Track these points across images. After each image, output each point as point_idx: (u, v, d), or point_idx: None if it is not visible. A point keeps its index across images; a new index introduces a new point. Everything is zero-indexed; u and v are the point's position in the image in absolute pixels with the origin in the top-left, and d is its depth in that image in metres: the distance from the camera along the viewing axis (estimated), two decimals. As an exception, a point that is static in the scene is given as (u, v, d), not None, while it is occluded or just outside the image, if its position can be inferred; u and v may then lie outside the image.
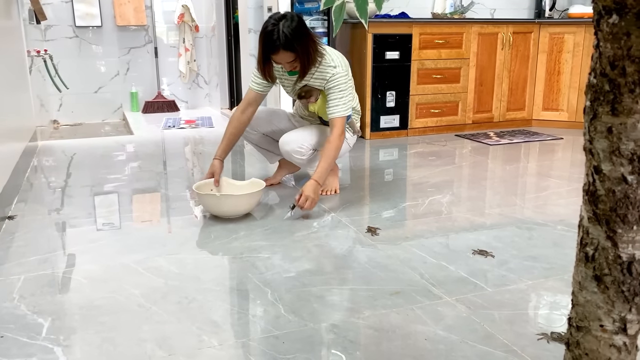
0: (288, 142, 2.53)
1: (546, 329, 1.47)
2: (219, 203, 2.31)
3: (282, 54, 2.30)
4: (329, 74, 2.42)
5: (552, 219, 2.36)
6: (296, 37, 2.28)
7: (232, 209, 2.33)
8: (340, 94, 2.42)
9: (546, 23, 4.41)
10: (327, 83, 2.44)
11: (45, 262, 1.90)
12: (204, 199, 2.33)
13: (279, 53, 2.30)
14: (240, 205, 2.34)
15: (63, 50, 5.06)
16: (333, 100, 2.42)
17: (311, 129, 2.62)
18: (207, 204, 2.34)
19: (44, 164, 3.36)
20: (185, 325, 1.47)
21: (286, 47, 2.27)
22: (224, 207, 2.32)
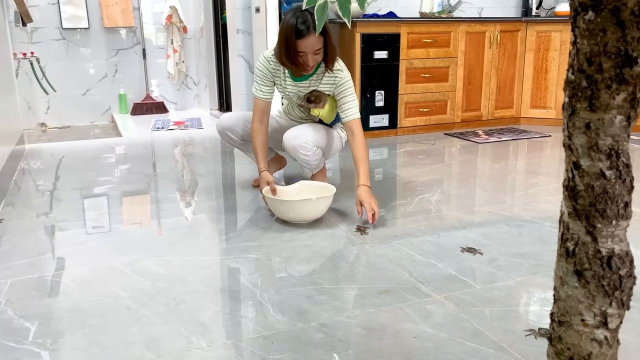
0: (294, 137, 2.51)
1: (534, 325, 1.48)
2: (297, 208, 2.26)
3: (313, 39, 2.26)
4: (339, 77, 2.43)
5: (540, 215, 2.37)
6: (325, 27, 2.28)
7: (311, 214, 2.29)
8: (352, 96, 2.44)
9: (533, 21, 4.44)
10: (336, 87, 2.44)
11: (33, 266, 1.88)
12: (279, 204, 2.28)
13: (310, 37, 2.25)
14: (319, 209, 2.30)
15: (50, 52, 5.03)
16: (348, 103, 2.43)
17: (314, 127, 2.59)
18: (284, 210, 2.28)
19: (32, 167, 3.34)
20: (173, 327, 1.47)
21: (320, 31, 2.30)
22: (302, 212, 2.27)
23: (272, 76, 2.51)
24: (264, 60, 2.50)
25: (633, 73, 0.65)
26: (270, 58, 2.48)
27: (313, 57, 2.32)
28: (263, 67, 2.49)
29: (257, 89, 2.51)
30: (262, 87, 2.50)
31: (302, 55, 2.30)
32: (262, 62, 2.50)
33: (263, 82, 2.50)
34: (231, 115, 2.76)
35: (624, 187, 0.69)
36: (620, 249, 0.70)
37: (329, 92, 2.49)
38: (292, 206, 2.25)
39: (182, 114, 5.42)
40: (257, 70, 2.51)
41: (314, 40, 2.27)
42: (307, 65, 2.34)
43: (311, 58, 2.31)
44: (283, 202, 2.27)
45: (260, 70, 2.50)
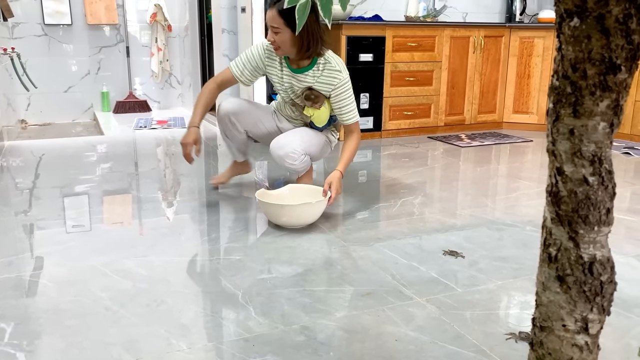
0: (281, 146, 2.44)
1: (514, 328, 1.49)
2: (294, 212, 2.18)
3: (271, 13, 2.25)
4: (337, 79, 2.38)
5: (522, 219, 2.39)
6: (293, 10, 2.16)
7: (307, 218, 2.22)
8: (351, 99, 2.41)
9: (517, 27, 4.49)
10: (335, 88, 2.39)
11: (10, 265, 1.85)
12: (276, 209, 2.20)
13: (270, 10, 2.25)
14: (315, 213, 2.24)
15: (31, 48, 4.96)
16: (348, 105, 2.41)
17: (302, 132, 2.52)
18: (279, 214, 2.20)
19: (11, 165, 3.28)
20: (153, 329, 1.45)
21: (280, 10, 2.23)
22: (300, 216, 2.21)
23: (259, 65, 2.45)
24: (260, 47, 2.45)
25: (617, 80, 0.66)
26: (266, 45, 2.43)
27: (272, 34, 2.29)
28: (255, 52, 2.45)
29: (236, 64, 2.46)
30: (242, 66, 2.45)
31: (268, 27, 2.31)
32: (256, 47, 2.46)
33: (244, 64, 2.45)
34: (238, 100, 2.63)
35: (607, 193, 0.70)
36: (602, 255, 0.71)
37: (326, 92, 2.42)
38: (290, 210, 2.17)
39: (165, 113, 5.37)
40: (247, 52, 2.46)
41: (271, 15, 2.26)
42: (267, 39, 2.34)
43: (270, 34, 2.30)
44: (282, 206, 2.19)
45: (251, 53, 2.45)
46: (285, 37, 2.28)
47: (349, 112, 2.42)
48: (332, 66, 2.38)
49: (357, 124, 2.45)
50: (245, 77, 2.47)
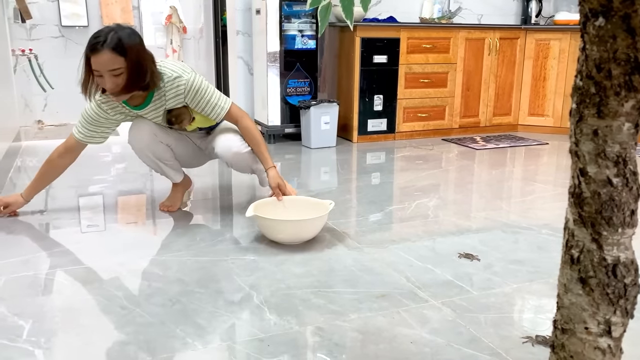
0: (229, 146, 2.27)
1: (531, 332, 1.47)
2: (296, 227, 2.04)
3: (107, 55, 1.93)
4: (180, 86, 2.13)
5: (537, 223, 2.37)
6: (130, 42, 1.98)
7: (305, 234, 2.08)
8: (209, 92, 2.19)
9: (532, 29, 4.46)
10: (187, 95, 2.16)
11: (27, 264, 1.87)
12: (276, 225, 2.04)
13: (102, 53, 1.93)
14: (316, 228, 2.09)
15: (48, 49, 5.01)
16: (211, 101, 2.19)
17: (227, 130, 2.35)
18: (277, 230, 2.05)
19: (27, 165, 3.31)
20: (169, 328, 1.46)
21: (114, 48, 1.93)
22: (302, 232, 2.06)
23: (107, 121, 2.23)
24: (93, 105, 2.20)
25: (642, 80, 0.65)
26: (100, 100, 2.19)
27: (111, 79, 1.97)
28: (93, 113, 2.21)
29: (77, 130, 2.25)
30: (84, 129, 2.23)
31: (98, 75, 1.98)
32: (90, 107, 2.21)
33: (86, 126, 2.23)
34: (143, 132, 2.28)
35: (631, 194, 0.69)
36: (626, 257, 0.70)
37: (182, 104, 2.20)
38: (291, 226, 2.05)
39: (179, 114, 5.39)
40: (84, 116, 2.23)
41: (107, 57, 1.94)
42: (107, 88, 2.00)
43: (108, 80, 1.97)
44: (284, 222, 2.06)
45: (88, 115, 2.21)
46: (127, 77, 1.99)
47: (215, 105, 2.21)
48: (169, 77, 2.13)
49: (233, 109, 2.25)
50: (97, 137, 2.27)
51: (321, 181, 3.05)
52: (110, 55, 1.94)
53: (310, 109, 3.86)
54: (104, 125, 2.25)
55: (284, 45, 3.95)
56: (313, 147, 3.92)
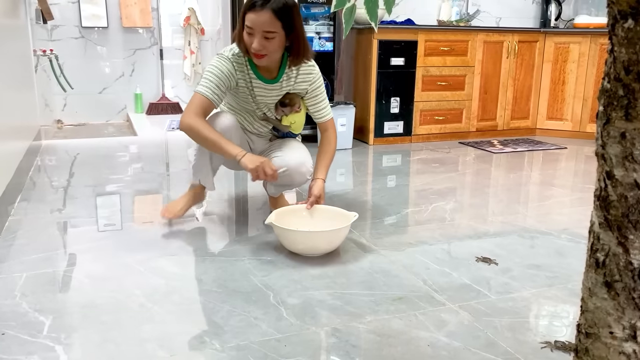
0: (303, 163, 2.16)
1: (550, 337, 1.45)
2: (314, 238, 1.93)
3: (266, 15, 1.87)
4: (313, 74, 2.14)
5: (556, 228, 2.35)
6: (292, 10, 1.93)
7: (328, 244, 1.96)
8: (325, 92, 2.20)
9: (552, 32, 4.42)
10: (311, 85, 2.15)
11: (47, 261, 1.89)
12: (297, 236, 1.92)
13: (263, 11, 1.87)
14: (337, 239, 1.98)
15: (69, 50, 5.07)
16: (323, 100, 2.19)
17: (299, 146, 2.26)
18: (297, 241, 1.94)
19: (47, 164, 3.36)
20: (186, 326, 1.47)
21: (276, 10, 1.88)
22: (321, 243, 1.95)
23: (230, 83, 2.05)
24: (226, 60, 2.03)
25: (671, 83, 0.64)
26: (234, 55, 2.04)
27: (261, 40, 1.90)
28: (224, 68, 2.02)
29: (206, 86, 2.00)
30: (214, 86, 2.01)
31: (250, 34, 1.91)
32: (222, 61, 2.03)
33: (218, 86, 2.01)
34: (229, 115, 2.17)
35: (658, 198, 0.68)
36: (652, 262, 0.69)
37: (302, 91, 2.17)
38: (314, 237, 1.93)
39: (196, 115, 5.42)
40: (215, 71, 2.01)
41: (266, 18, 1.87)
42: (251, 48, 1.93)
43: (258, 40, 1.90)
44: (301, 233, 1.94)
45: (220, 72, 2.01)
46: (278, 44, 1.95)
47: (326, 106, 2.20)
48: (309, 62, 2.13)
49: (332, 120, 2.24)
50: (221, 99, 2.06)
51: (337, 183, 3.05)
52: (269, 16, 1.88)
53: (327, 111, 3.87)
54: (225, 83, 2.03)
55: (302, 47, 3.96)
56: (329, 149, 3.92)
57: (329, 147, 2.21)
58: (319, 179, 2.15)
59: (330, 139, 2.23)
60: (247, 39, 1.94)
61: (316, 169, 2.19)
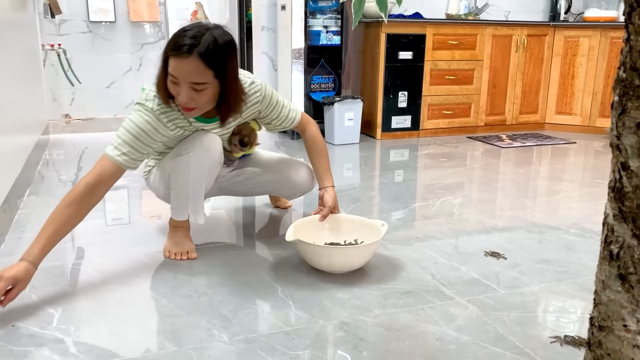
0: (309, 177, 2.08)
1: (559, 332, 1.44)
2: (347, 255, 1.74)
3: (191, 64, 1.53)
4: (258, 92, 1.82)
5: (565, 222, 2.33)
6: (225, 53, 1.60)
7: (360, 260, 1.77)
8: (281, 98, 1.93)
9: (561, 26, 4.38)
10: (262, 103, 1.85)
11: (56, 254, 1.89)
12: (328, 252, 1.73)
13: (188, 59, 1.53)
14: (367, 255, 1.78)
15: (76, 44, 5.08)
16: (283, 107, 1.92)
17: (288, 159, 2.11)
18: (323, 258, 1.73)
19: (55, 158, 3.37)
20: (194, 319, 1.47)
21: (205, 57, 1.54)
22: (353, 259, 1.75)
23: (157, 135, 1.69)
24: (148, 116, 1.66)
25: (687, 72, 0.63)
26: (159, 110, 1.67)
27: (189, 92, 1.57)
28: (143, 124, 1.65)
29: (119, 151, 1.64)
30: (129, 148, 1.64)
31: (175, 83, 1.58)
32: (142, 118, 1.66)
33: (132, 143, 1.65)
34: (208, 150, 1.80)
35: (674, 189, 0.67)
36: (667, 254, 0.68)
37: (254, 115, 1.90)
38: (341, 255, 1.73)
39: (203, 110, 5.43)
40: (130, 129, 1.66)
41: (192, 66, 1.54)
42: (178, 100, 1.61)
43: (185, 92, 1.57)
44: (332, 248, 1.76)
45: (137, 128, 1.65)
46: (211, 94, 1.62)
47: (290, 108, 1.95)
48: (245, 83, 1.79)
49: (305, 115, 2.00)
50: (140, 160, 1.70)
51: (344, 177, 3.04)
52: (197, 64, 1.54)
53: (334, 105, 3.86)
54: (154, 142, 1.69)
55: (309, 41, 3.95)
56: (336, 143, 3.91)
57: (317, 146, 1.98)
58: (329, 187, 1.96)
59: (315, 137, 1.98)
60: (172, 89, 1.60)
61: (320, 176, 1.98)
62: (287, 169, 2.06)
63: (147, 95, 1.70)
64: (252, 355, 1.31)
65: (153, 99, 1.68)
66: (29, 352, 1.30)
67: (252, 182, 2.08)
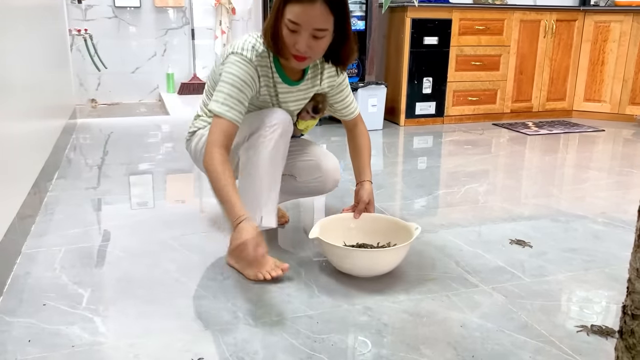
0: (337, 168, 1.89)
1: (585, 321, 1.43)
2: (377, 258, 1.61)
3: (319, 9, 1.48)
4: (332, 67, 1.77)
5: (593, 211, 2.29)
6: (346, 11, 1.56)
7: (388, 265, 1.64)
8: (349, 87, 1.87)
9: (591, 11, 4.27)
10: (335, 80, 1.79)
11: (85, 235, 1.94)
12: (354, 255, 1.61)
13: (314, 4, 1.47)
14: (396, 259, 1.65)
15: (102, 30, 5.13)
16: (349, 95, 1.86)
17: (323, 148, 1.95)
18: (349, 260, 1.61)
19: (81, 142, 3.42)
20: (220, 302, 1.49)
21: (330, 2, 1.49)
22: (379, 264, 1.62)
23: (253, 88, 1.60)
24: (245, 60, 1.57)
25: None
26: (257, 55, 1.59)
27: (309, 40, 1.51)
28: (243, 71, 1.57)
29: (228, 104, 1.54)
30: (236, 102, 1.55)
31: (293, 30, 1.50)
32: (241, 63, 1.57)
33: (238, 97, 1.55)
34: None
35: None
36: None
37: (328, 89, 1.82)
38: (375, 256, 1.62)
39: (227, 95, 5.44)
40: (233, 76, 1.56)
41: (317, 12, 1.48)
42: (294, 49, 1.53)
43: (305, 40, 1.51)
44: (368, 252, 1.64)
45: (238, 76, 1.56)
46: (327, 43, 1.57)
47: (353, 100, 1.88)
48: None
49: (361, 117, 1.94)
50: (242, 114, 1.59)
51: (368, 163, 3.03)
52: (322, 9, 1.48)
53: (358, 91, 3.84)
54: (248, 95, 1.59)
55: (333, 27, 3.92)
56: (360, 129, 3.89)
57: (364, 141, 1.90)
58: (366, 181, 1.85)
59: (363, 133, 1.91)
60: (288, 37, 1.52)
61: (358, 170, 1.88)
62: (320, 154, 1.89)
63: (244, 45, 1.59)
64: (277, 338, 1.32)
65: (251, 49, 1.59)
66: (60, 330, 1.34)
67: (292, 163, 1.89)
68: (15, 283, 1.58)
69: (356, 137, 1.91)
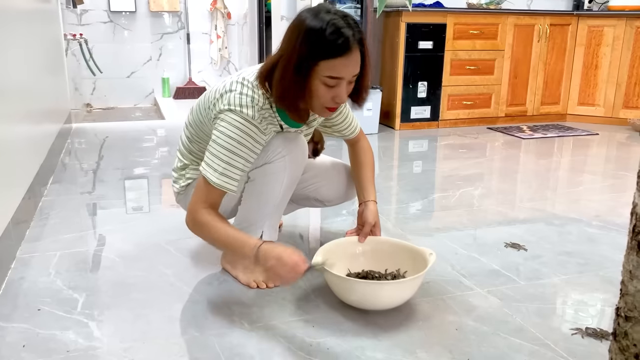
0: (351, 186, 1.85)
1: (580, 324, 1.43)
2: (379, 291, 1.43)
3: (356, 56, 1.36)
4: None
5: (587, 214, 2.30)
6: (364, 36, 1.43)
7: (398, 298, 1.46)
8: (348, 106, 1.74)
9: (585, 15, 4.30)
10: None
11: (80, 240, 1.93)
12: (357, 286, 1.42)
13: (354, 52, 1.35)
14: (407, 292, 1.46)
15: (97, 34, 5.13)
16: (348, 114, 1.75)
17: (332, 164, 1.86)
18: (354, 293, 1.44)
19: (77, 146, 3.42)
20: (216, 306, 1.48)
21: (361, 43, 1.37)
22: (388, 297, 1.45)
23: (257, 144, 1.45)
24: (248, 121, 1.40)
25: None
26: (260, 111, 1.43)
27: (348, 88, 1.42)
28: (244, 129, 1.40)
29: (226, 175, 1.40)
30: (237, 170, 1.42)
31: (333, 85, 1.38)
32: (244, 124, 1.40)
33: (233, 160, 1.40)
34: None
35: None
36: (696, 245, 0.67)
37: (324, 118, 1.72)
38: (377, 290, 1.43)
39: (222, 100, 5.44)
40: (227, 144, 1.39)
41: (356, 58, 1.37)
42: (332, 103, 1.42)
43: (345, 90, 1.40)
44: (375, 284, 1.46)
45: (237, 140, 1.40)
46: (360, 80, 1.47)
47: (353, 118, 1.77)
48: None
49: (362, 132, 1.84)
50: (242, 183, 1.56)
51: (364, 167, 3.03)
52: (358, 55, 1.37)
53: (353, 95, 3.84)
54: (247, 160, 1.44)
55: (328, 31, 3.93)
56: (355, 133, 3.90)
57: (367, 157, 1.79)
58: (371, 201, 1.71)
59: (366, 149, 1.80)
60: (325, 93, 1.39)
61: (362, 189, 1.75)
62: (330, 166, 1.85)
63: (240, 100, 1.41)
64: (273, 342, 1.32)
65: (250, 104, 1.41)
66: (54, 336, 1.33)
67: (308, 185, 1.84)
68: (9, 288, 1.57)
69: (358, 154, 1.80)
